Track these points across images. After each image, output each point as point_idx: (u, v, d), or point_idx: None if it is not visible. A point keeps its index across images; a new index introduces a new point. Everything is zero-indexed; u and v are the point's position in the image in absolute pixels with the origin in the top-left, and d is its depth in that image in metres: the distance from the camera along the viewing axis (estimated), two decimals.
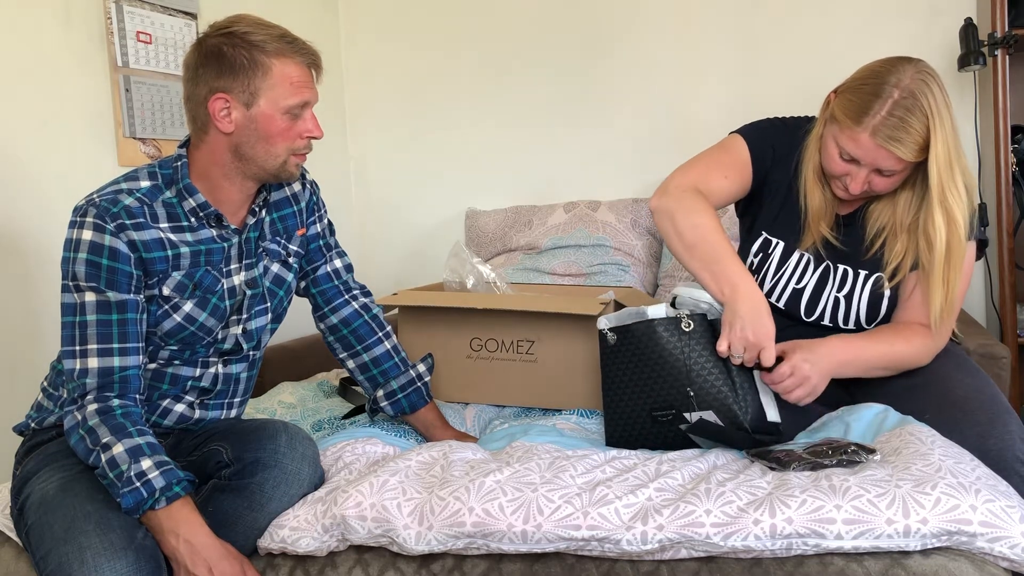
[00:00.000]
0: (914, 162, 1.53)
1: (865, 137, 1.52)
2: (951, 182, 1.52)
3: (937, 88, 1.52)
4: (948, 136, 1.51)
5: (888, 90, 1.50)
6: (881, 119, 1.50)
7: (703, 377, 1.51)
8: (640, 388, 1.55)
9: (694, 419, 1.50)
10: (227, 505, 1.39)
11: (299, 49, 1.43)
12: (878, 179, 1.57)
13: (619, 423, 1.58)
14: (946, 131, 1.51)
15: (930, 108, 1.49)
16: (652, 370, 1.54)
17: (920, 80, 1.50)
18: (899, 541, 1.20)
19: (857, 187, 1.57)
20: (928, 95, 1.50)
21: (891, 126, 1.49)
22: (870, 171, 1.56)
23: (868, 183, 1.58)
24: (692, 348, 1.51)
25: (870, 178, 1.57)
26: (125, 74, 2.25)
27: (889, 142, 1.50)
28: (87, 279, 1.37)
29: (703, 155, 1.72)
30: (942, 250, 1.55)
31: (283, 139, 1.43)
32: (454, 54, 3.05)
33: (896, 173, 1.56)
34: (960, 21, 2.43)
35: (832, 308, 1.68)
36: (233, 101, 1.40)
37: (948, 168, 1.51)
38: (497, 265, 2.74)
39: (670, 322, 1.53)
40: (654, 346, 1.53)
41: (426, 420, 1.72)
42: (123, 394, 1.39)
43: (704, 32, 2.81)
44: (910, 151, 1.51)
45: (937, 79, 1.53)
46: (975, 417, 1.49)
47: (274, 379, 2.27)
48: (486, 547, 1.30)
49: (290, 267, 1.62)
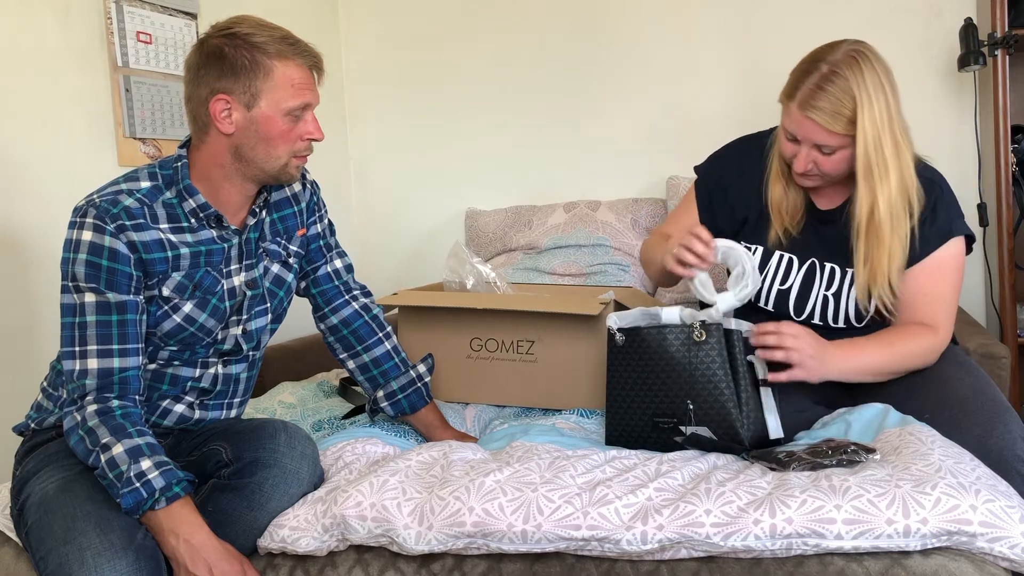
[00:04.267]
0: (846, 136, 1.56)
1: (794, 109, 1.59)
2: (880, 161, 1.56)
3: (869, 67, 1.56)
4: (879, 115, 1.55)
5: (819, 66, 1.57)
6: (807, 91, 1.56)
7: (708, 390, 1.48)
8: (644, 392, 1.54)
9: (688, 432, 1.50)
10: (227, 504, 1.39)
11: (301, 51, 1.43)
12: (821, 157, 1.60)
13: (621, 424, 1.57)
14: (876, 110, 1.55)
15: (857, 84, 1.54)
16: (658, 376, 1.53)
17: (850, 57, 1.56)
18: (899, 541, 1.20)
19: (800, 165, 1.62)
20: (856, 71, 1.55)
21: (815, 97, 1.55)
22: (810, 148, 1.60)
23: (814, 162, 1.61)
24: (700, 359, 1.50)
25: (813, 156, 1.61)
26: (125, 74, 2.25)
27: (812, 110, 1.56)
28: (87, 280, 1.37)
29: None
30: (862, 225, 1.60)
31: (284, 141, 1.43)
32: (454, 54, 3.05)
33: (835, 150, 1.58)
34: (960, 21, 2.43)
35: (821, 306, 1.69)
36: (234, 102, 1.40)
37: (876, 147, 1.55)
38: (497, 265, 2.74)
39: (682, 330, 1.52)
40: (663, 352, 1.52)
41: (426, 420, 1.72)
42: (123, 395, 1.39)
43: (704, 32, 2.80)
44: (834, 122, 1.55)
45: (872, 60, 1.57)
46: (975, 417, 1.49)
47: (274, 379, 2.27)
48: (486, 547, 1.30)
49: (290, 267, 1.62)
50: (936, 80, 2.61)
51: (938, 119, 2.61)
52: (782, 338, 1.52)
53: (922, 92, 2.61)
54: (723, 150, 1.86)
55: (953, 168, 2.59)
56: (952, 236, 1.63)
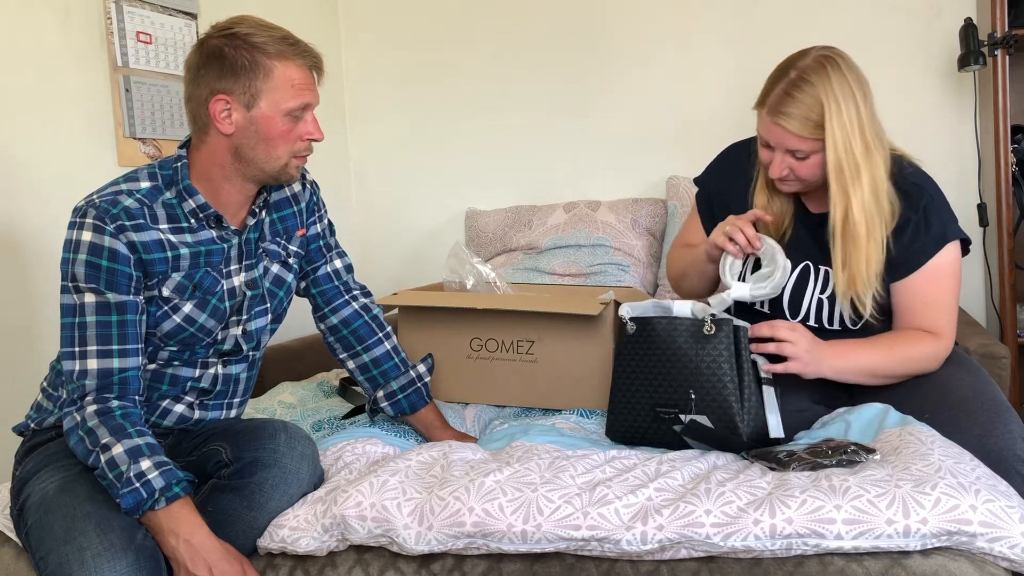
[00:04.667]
0: (816, 140, 1.57)
1: (765, 116, 1.61)
2: (850, 163, 1.57)
3: (837, 72, 1.57)
4: (848, 119, 1.56)
5: (788, 73, 1.59)
6: (776, 98, 1.59)
7: (711, 382, 1.50)
8: (649, 382, 1.56)
9: (687, 420, 1.51)
10: (227, 504, 1.39)
11: (301, 51, 1.43)
12: (795, 163, 1.62)
13: (622, 414, 1.58)
14: (845, 114, 1.56)
15: (825, 89, 1.55)
16: (663, 367, 1.55)
17: (818, 63, 1.58)
18: (899, 541, 1.20)
19: (775, 171, 1.63)
20: (823, 76, 1.56)
21: (783, 103, 1.57)
22: (784, 154, 1.62)
23: (789, 168, 1.62)
24: (708, 353, 1.52)
25: (788, 162, 1.62)
26: (125, 74, 2.25)
27: (778, 115, 1.57)
28: (87, 280, 1.37)
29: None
30: (837, 228, 1.61)
31: (284, 141, 1.43)
32: (454, 54, 3.05)
33: (808, 155, 1.60)
34: (960, 21, 2.43)
35: (816, 309, 1.69)
36: (234, 102, 1.40)
37: (847, 150, 1.56)
38: (497, 265, 2.74)
39: (692, 323, 1.54)
40: (671, 343, 1.55)
41: (426, 420, 1.72)
42: (122, 395, 1.39)
43: (704, 32, 2.80)
44: (803, 127, 1.56)
45: (841, 65, 1.58)
46: (975, 417, 1.49)
47: (274, 379, 2.27)
48: (486, 547, 1.30)
49: (290, 268, 1.62)
50: (936, 80, 2.61)
51: (938, 119, 2.61)
52: (776, 330, 1.54)
53: (922, 92, 2.61)
54: (716, 159, 1.89)
55: (953, 168, 2.60)
56: (947, 241, 1.62)
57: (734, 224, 1.63)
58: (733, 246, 1.62)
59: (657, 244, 2.72)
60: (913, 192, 1.63)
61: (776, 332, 1.54)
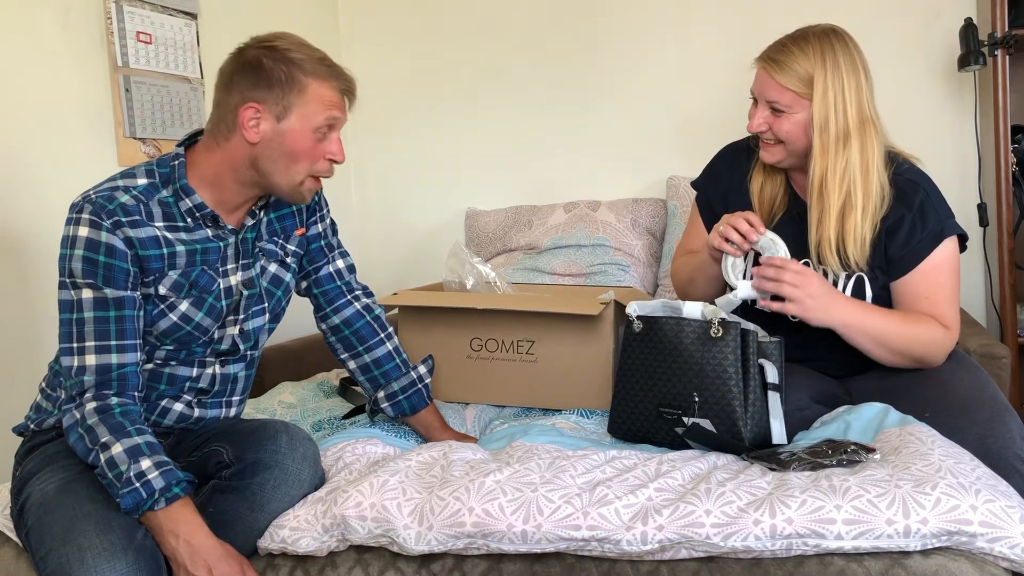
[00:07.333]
0: (797, 95, 1.58)
1: (758, 65, 1.65)
2: (839, 127, 1.57)
3: (843, 45, 1.59)
4: (847, 86, 1.57)
5: (794, 32, 1.63)
6: (773, 46, 1.63)
7: (716, 385, 1.50)
8: (653, 381, 1.56)
9: (690, 423, 1.50)
10: (227, 505, 1.39)
11: (336, 74, 1.45)
12: (773, 118, 1.62)
13: (625, 411, 1.58)
14: (843, 80, 1.57)
15: (823, 52, 1.58)
16: (668, 367, 1.55)
17: (828, 29, 1.61)
18: (899, 541, 1.20)
19: (752, 124, 1.65)
20: (826, 42, 1.59)
21: (776, 51, 1.62)
22: (764, 107, 1.63)
23: (767, 124, 1.63)
24: (713, 355, 1.51)
25: (765, 116, 1.63)
26: (125, 74, 2.25)
27: (768, 63, 1.61)
28: (84, 276, 1.37)
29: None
30: (814, 185, 1.62)
31: (306, 158, 1.44)
32: (454, 54, 3.05)
33: (786, 112, 1.60)
34: (960, 21, 2.43)
35: None
36: (264, 112, 1.40)
37: (837, 111, 1.57)
38: (497, 265, 2.73)
39: (700, 324, 1.53)
40: (677, 343, 1.54)
41: (426, 422, 1.72)
42: (121, 391, 1.39)
43: (704, 31, 2.80)
44: (787, 78, 1.58)
45: (849, 43, 1.60)
46: (975, 416, 1.49)
47: (274, 379, 2.27)
48: (486, 547, 1.30)
49: (288, 267, 1.61)
50: (936, 80, 2.61)
51: (938, 119, 2.61)
52: (781, 273, 1.54)
53: (922, 92, 2.61)
54: (712, 160, 1.89)
55: (953, 168, 2.60)
56: (944, 237, 1.62)
57: (727, 223, 1.63)
58: (730, 245, 1.62)
59: (657, 244, 2.72)
60: (909, 189, 1.63)
61: (780, 275, 1.55)
